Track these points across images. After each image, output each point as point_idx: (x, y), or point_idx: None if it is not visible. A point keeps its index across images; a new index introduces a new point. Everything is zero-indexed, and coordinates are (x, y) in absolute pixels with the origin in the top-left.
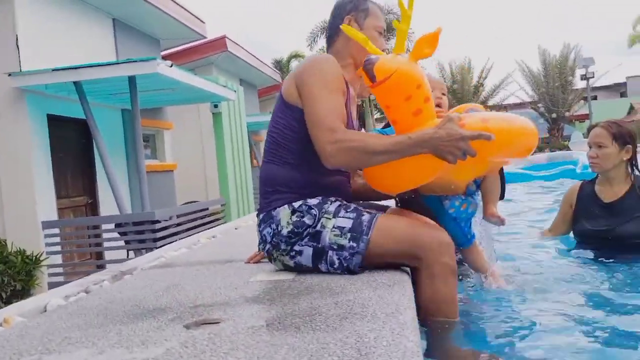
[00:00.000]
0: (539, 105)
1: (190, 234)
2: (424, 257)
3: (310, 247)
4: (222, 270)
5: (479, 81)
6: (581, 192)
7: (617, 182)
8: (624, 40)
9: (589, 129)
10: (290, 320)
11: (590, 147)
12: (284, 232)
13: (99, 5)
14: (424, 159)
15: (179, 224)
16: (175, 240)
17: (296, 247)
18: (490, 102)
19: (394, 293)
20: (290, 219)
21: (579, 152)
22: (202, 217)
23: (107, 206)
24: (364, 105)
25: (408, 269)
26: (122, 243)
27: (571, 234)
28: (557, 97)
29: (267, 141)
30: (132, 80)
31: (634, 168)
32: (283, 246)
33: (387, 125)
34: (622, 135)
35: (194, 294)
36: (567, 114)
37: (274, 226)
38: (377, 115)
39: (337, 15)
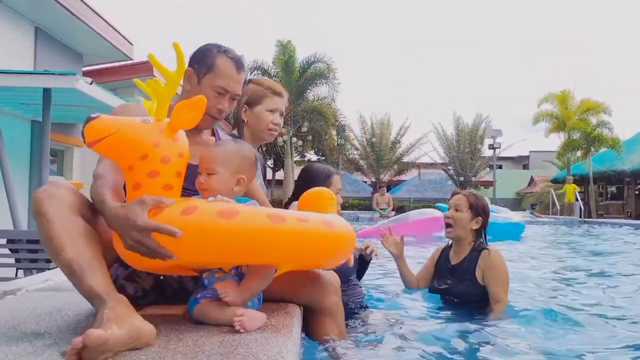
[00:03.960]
0: (449, 167)
1: None
2: None
3: None
4: None
5: (397, 138)
6: (441, 254)
7: (463, 247)
8: (530, 117)
9: (452, 194)
10: (171, 357)
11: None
12: None
13: (22, 12)
14: None
15: None
16: None
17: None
18: (405, 159)
19: (279, 336)
20: None
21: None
22: None
23: (1, 220)
24: (285, 145)
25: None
26: (12, 260)
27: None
28: (466, 162)
29: None
30: (47, 92)
31: (482, 238)
32: None
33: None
34: (476, 206)
35: (76, 320)
36: (473, 178)
37: None
38: (296, 158)
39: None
